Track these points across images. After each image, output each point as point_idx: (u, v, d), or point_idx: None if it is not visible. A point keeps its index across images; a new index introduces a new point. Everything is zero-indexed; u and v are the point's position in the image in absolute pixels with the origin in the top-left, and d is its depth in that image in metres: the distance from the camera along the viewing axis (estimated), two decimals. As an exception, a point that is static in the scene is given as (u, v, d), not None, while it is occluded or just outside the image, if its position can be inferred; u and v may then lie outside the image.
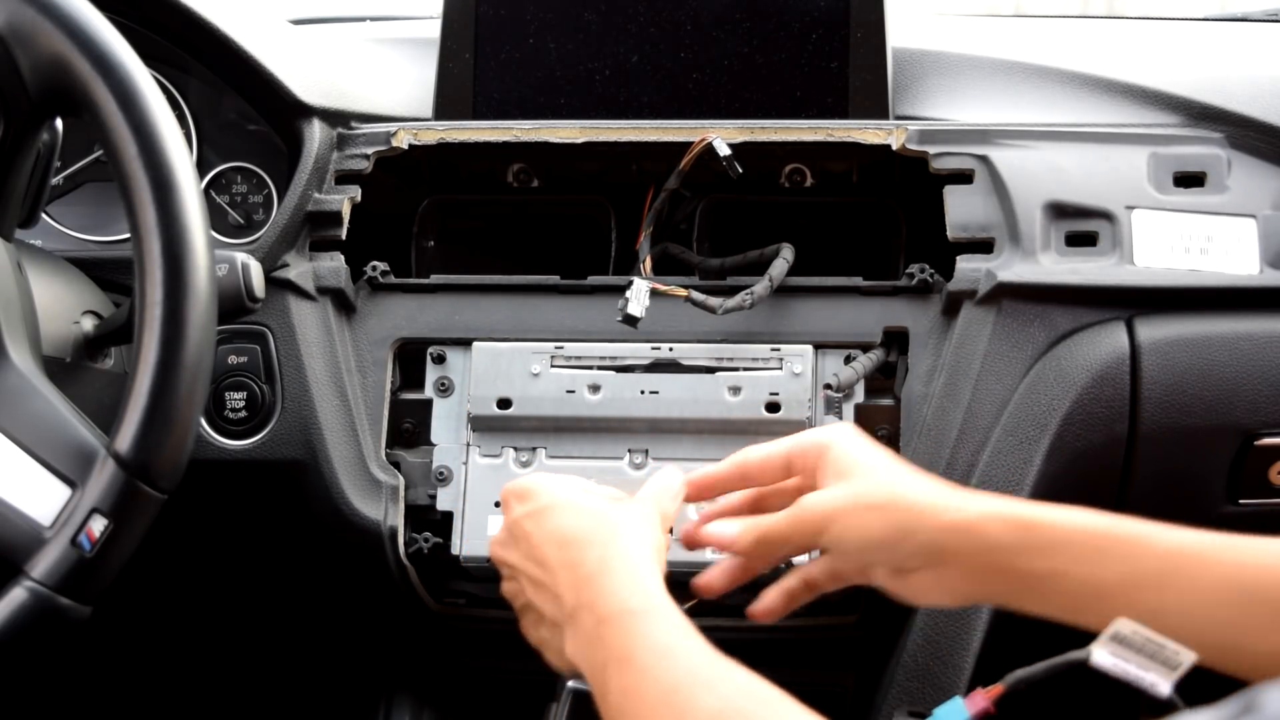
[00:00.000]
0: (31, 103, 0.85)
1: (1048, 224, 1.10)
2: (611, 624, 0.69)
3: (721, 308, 1.09)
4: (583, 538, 0.75)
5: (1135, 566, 0.66)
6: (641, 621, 0.67)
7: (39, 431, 0.82)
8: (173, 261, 0.80)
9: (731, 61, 1.23)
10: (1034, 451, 1.06)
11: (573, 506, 0.78)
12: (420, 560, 1.12)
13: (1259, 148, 1.12)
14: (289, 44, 1.23)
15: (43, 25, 0.82)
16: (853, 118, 1.20)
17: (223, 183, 1.23)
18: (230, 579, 1.36)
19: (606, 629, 0.68)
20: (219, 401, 1.13)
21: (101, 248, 1.23)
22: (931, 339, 1.11)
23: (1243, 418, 1.07)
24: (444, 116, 1.24)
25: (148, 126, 0.81)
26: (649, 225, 1.17)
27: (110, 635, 1.41)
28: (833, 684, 1.24)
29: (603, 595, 0.71)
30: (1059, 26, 1.52)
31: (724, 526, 0.83)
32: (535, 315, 1.15)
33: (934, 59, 1.25)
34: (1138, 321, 1.07)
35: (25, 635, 0.78)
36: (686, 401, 1.10)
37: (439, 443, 1.13)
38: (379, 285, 1.18)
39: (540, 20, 1.25)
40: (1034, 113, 1.19)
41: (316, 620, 1.38)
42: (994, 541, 0.70)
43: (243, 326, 1.13)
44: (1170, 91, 1.17)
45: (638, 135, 1.17)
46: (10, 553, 0.80)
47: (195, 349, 0.80)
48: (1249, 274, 1.08)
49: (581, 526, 0.76)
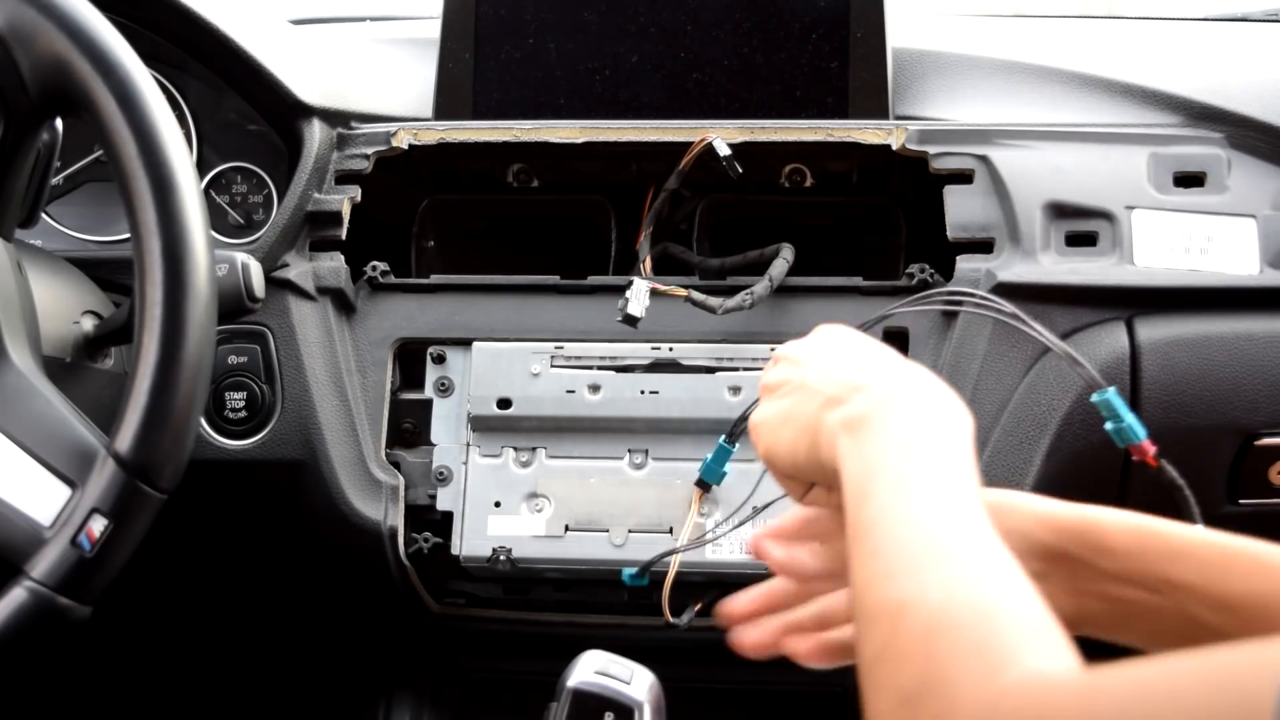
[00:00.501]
0: (31, 103, 0.85)
1: (1048, 224, 1.10)
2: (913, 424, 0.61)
3: (721, 308, 1.09)
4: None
5: (1261, 585, 0.61)
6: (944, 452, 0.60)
7: (39, 431, 0.82)
8: (173, 261, 0.80)
9: (731, 61, 1.23)
10: (1034, 451, 1.06)
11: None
12: (420, 560, 1.12)
13: (1259, 148, 1.12)
14: (289, 44, 1.23)
15: (43, 25, 0.82)
16: (853, 118, 1.20)
17: (223, 183, 1.23)
18: (230, 579, 1.36)
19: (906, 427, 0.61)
20: (219, 401, 1.13)
21: (101, 248, 1.23)
22: (931, 339, 1.11)
23: (1243, 418, 1.07)
24: (444, 116, 1.24)
25: (148, 126, 0.81)
26: (649, 225, 1.17)
27: (110, 635, 1.41)
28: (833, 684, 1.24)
29: (910, 401, 0.63)
30: (1059, 26, 1.52)
31: (801, 553, 0.74)
32: (535, 315, 1.15)
33: (934, 59, 1.25)
34: (1138, 321, 1.07)
35: (25, 635, 0.78)
36: (686, 401, 1.10)
37: (439, 443, 1.13)
38: (379, 285, 1.18)
39: (540, 20, 1.25)
40: (1034, 113, 1.19)
41: (317, 620, 1.38)
42: (1116, 545, 0.64)
43: (243, 326, 1.13)
44: (1170, 91, 1.17)
45: (638, 135, 1.17)
46: (10, 553, 0.80)
47: (195, 349, 0.80)
48: (1249, 274, 1.08)
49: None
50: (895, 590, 0.52)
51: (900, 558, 0.53)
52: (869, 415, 0.62)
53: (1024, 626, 0.49)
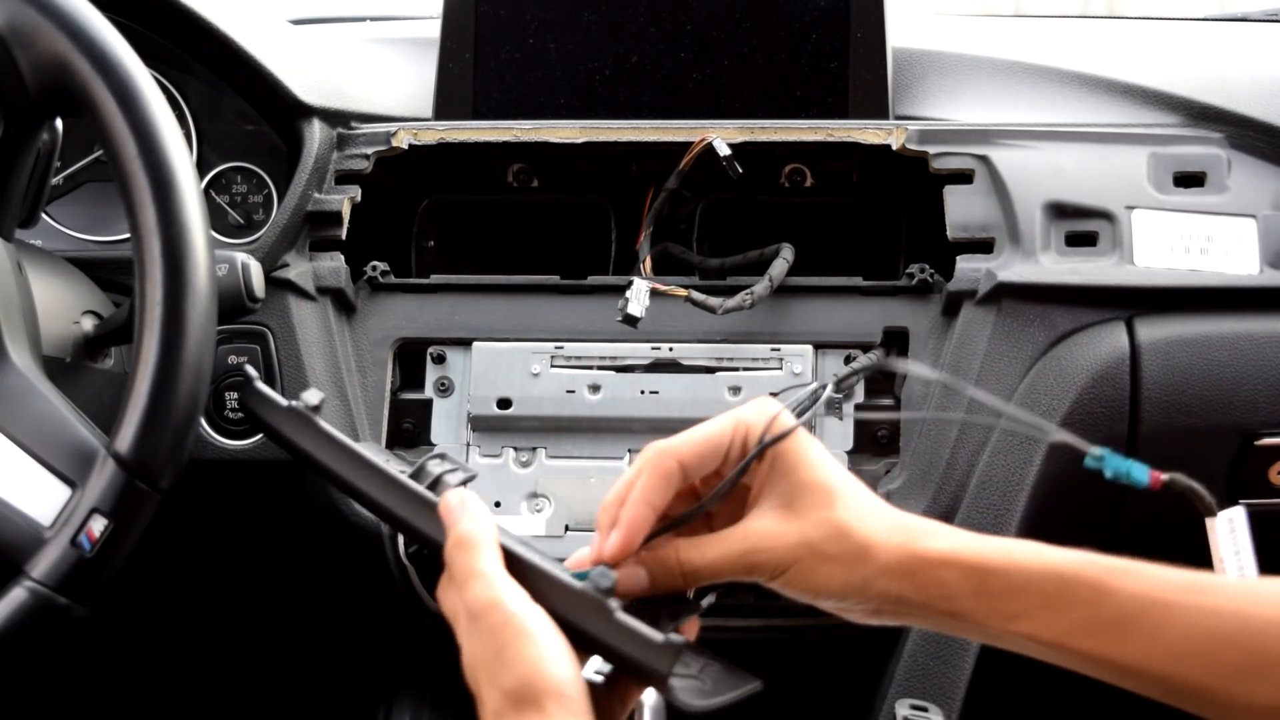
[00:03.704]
0: (31, 103, 0.85)
1: (1048, 224, 1.10)
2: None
3: (721, 308, 1.09)
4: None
5: (1095, 614, 0.63)
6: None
7: (39, 431, 0.82)
8: (173, 261, 0.80)
9: (731, 61, 1.23)
10: (1034, 451, 1.06)
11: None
12: (420, 561, 1.12)
13: (1259, 148, 1.12)
14: (289, 44, 1.23)
15: (43, 25, 0.82)
16: (853, 118, 1.20)
17: (223, 183, 1.23)
18: (230, 579, 1.36)
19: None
20: (219, 401, 1.13)
21: (101, 248, 1.23)
22: (931, 339, 1.11)
23: (1243, 418, 1.07)
24: (444, 116, 1.24)
25: (148, 126, 0.81)
26: (649, 225, 1.17)
27: (110, 635, 1.41)
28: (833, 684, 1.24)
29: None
30: (1059, 26, 1.52)
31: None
32: (535, 315, 1.15)
33: (934, 59, 1.25)
34: (1138, 321, 1.07)
35: (25, 635, 0.78)
36: (686, 401, 1.10)
37: (439, 443, 1.13)
38: (379, 285, 1.18)
39: (540, 20, 1.25)
40: (1034, 113, 1.19)
41: (316, 620, 1.38)
42: (950, 590, 0.66)
43: (243, 326, 1.13)
44: (1170, 91, 1.17)
45: (638, 135, 1.17)
46: (10, 553, 0.80)
47: (195, 349, 0.80)
48: (1249, 274, 1.08)
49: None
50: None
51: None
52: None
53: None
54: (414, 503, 0.70)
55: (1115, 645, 0.62)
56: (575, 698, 0.61)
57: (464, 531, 0.67)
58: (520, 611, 0.63)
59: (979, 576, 0.66)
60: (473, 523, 0.67)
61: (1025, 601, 0.64)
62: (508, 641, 0.62)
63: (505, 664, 0.62)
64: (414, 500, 0.70)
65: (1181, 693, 0.62)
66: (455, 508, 0.68)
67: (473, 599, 0.64)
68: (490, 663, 0.62)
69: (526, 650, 0.61)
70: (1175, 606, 0.62)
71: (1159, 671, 0.62)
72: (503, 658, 0.62)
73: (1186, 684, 0.61)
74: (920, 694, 1.05)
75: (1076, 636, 0.63)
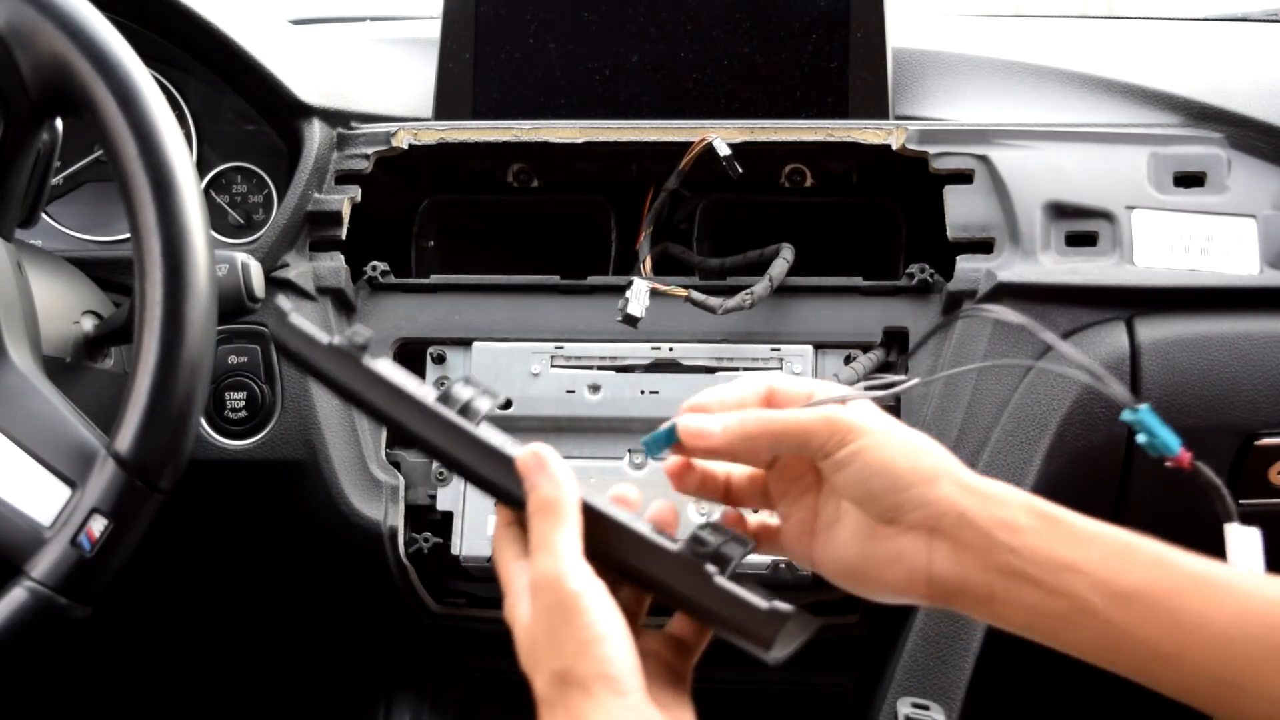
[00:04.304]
0: (31, 103, 0.85)
1: (1048, 224, 1.10)
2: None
3: (721, 308, 1.09)
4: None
5: (1162, 575, 0.61)
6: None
7: (39, 431, 0.82)
8: (173, 261, 0.80)
9: (731, 61, 1.23)
10: (1034, 451, 1.06)
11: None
12: (420, 560, 1.12)
13: (1259, 148, 1.12)
14: (289, 44, 1.23)
15: (43, 25, 0.82)
16: (853, 118, 1.20)
17: (223, 183, 1.23)
18: (230, 579, 1.36)
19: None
20: (219, 401, 1.13)
21: (101, 248, 1.23)
22: (932, 339, 1.11)
23: (1243, 418, 1.07)
24: (444, 116, 1.24)
25: (148, 126, 0.81)
26: (649, 225, 1.17)
27: (110, 635, 1.41)
28: (833, 684, 1.24)
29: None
30: (1059, 26, 1.52)
31: (705, 422, 0.70)
32: (535, 315, 1.15)
33: (934, 59, 1.25)
34: (1138, 321, 1.07)
35: (25, 635, 0.78)
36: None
37: (439, 443, 1.13)
38: (379, 285, 1.18)
39: (540, 20, 1.25)
40: (1034, 113, 1.19)
41: (317, 620, 1.38)
42: (1015, 520, 0.64)
43: (243, 326, 1.13)
44: (1170, 91, 1.17)
45: (637, 135, 1.17)
46: (10, 553, 0.80)
47: (195, 349, 0.80)
48: (1249, 274, 1.08)
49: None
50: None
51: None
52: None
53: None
54: (491, 459, 0.67)
55: (1169, 615, 0.60)
56: (623, 679, 0.60)
57: (546, 497, 0.65)
58: (581, 590, 0.61)
59: (1046, 517, 0.64)
60: (554, 488, 0.65)
61: (1089, 549, 0.63)
62: (562, 621, 0.61)
63: (556, 645, 0.61)
64: (491, 456, 0.67)
65: (1219, 681, 0.60)
66: (534, 467, 0.66)
67: (536, 573, 0.63)
68: (542, 642, 0.62)
69: (578, 632, 0.60)
70: (1224, 588, 0.61)
71: (1201, 648, 0.60)
72: (554, 638, 0.61)
73: (1224, 675, 0.60)
74: (921, 694, 1.05)
75: (1142, 593, 0.61)
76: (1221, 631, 0.60)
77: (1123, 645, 0.62)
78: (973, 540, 0.64)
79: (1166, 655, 0.61)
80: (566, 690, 0.60)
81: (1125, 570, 0.62)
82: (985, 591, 0.64)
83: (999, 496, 0.65)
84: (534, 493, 0.65)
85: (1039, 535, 0.63)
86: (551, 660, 0.61)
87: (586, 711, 0.59)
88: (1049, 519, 0.64)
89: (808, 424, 0.68)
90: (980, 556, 0.64)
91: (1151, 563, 0.62)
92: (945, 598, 0.66)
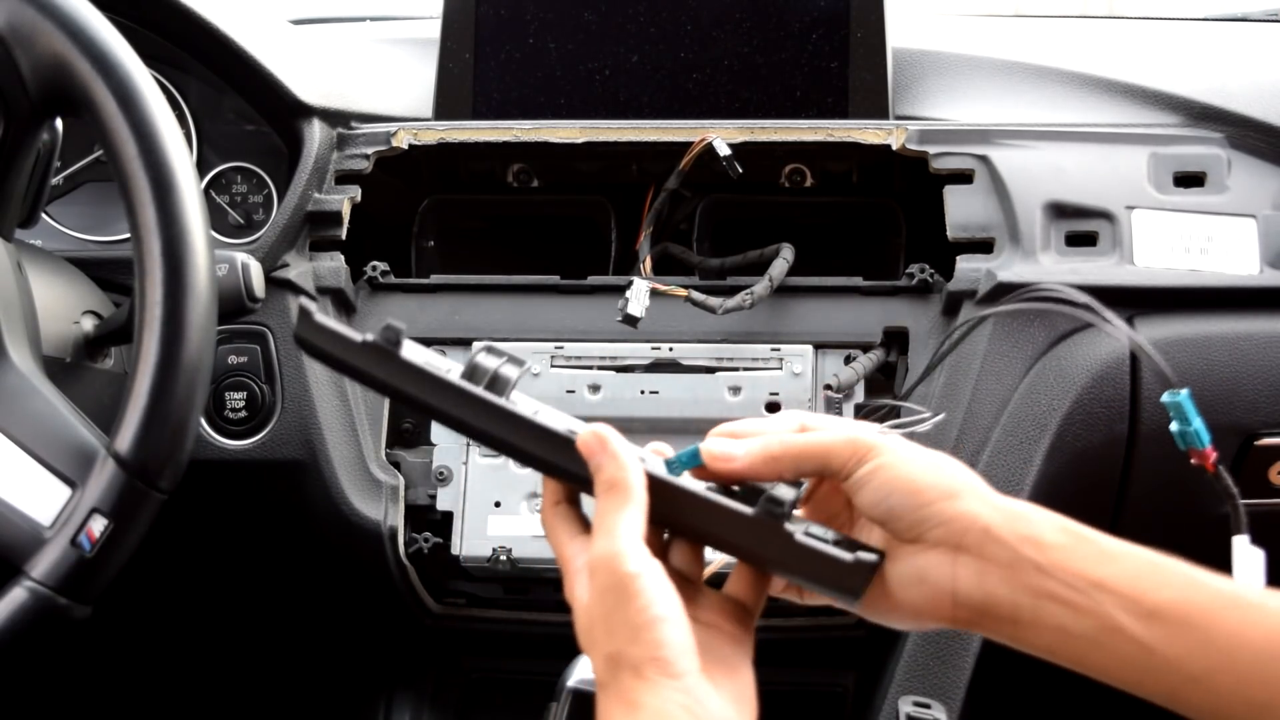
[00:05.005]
0: (31, 103, 0.85)
1: (1048, 224, 1.10)
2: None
3: (721, 308, 1.09)
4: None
5: (1193, 594, 0.60)
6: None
7: (39, 431, 0.82)
8: (173, 261, 0.80)
9: (731, 61, 1.23)
10: (1034, 451, 1.06)
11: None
12: (420, 560, 1.12)
13: (1259, 148, 1.12)
14: (289, 44, 1.23)
15: (43, 25, 0.82)
16: (853, 118, 1.20)
17: (223, 183, 1.23)
18: (230, 579, 1.36)
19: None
20: (219, 401, 1.13)
21: (101, 248, 1.23)
22: (932, 339, 1.11)
23: (1243, 418, 1.07)
24: (444, 116, 1.24)
25: (148, 126, 0.81)
26: (649, 225, 1.17)
27: (110, 635, 1.41)
28: (833, 684, 1.24)
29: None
30: (1059, 26, 1.52)
31: (729, 446, 0.70)
32: (535, 315, 1.15)
33: (934, 59, 1.25)
34: (1138, 321, 1.07)
35: (25, 635, 0.78)
36: (686, 401, 1.10)
37: (439, 443, 1.13)
38: (379, 285, 1.18)
39: (540, 20, 1.25)
40: (1034, 113, 1.19)
41: (317, 620, 1.38)
42: (1043, 536, 0.62)
43: (243, 326, 1.13)
44: (1170, 91, 1.17)
45: (638, 135, 1.17)
46: (10, 553, 0.80)
47: (195, 349, 0.80)
48: (1249, 274, 1.08)
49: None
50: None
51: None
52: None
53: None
54: (551, 442, 0.66)
55: (1199, 634, 0.59)
56: (675, 661, 0.59)
57: (611, 478, 0.64)
58: (637, 571, 0.61)
59: (1073, 534, 0.63)
60: (618, 469, 0.65)
61: (1118, 567, 0.61)
62: (617, 603, 0.61)
63: (611, 627, 0.61)
64: (549, 439, 0.66)
65: (1251, 703, 0.58)
66: (596, 449, 0.65)
67: (594, 553, 0.63)
68: (599, 624, 0.62)
69: (633, 615, 0.60)
70: (1255, 608, 0.59)
71: (1233, 669, 0.59)
72: (610, 620, 0.61)
73: (1256, 697, 0.58)
74: (922, 693, 1.05)
75: (1173, 613, 0.60)
76: (1254, 652, 0.58)
77: (1151, 666, 0.60)
78: (999, 556, 0.63)
79: (1196, 676, 0.59)
80: (619, 673, 0.60)
81: (1156, 589, 0.60)
82: (1011, 611, 0.63)
83: (1025, 513, 0.64)
84: (599, 474, 0.65)
85: (1067, 552, 0.62)
86: (606, 643, 0.61)
87: (639, 694, 0.59)
88: (1077, 536, 0.63)
89: (829, 444, 0.68)
90: (1006, 573, 0.63)
91: (1182, 582, 0.61)
92: (970, 620, 0.65)
